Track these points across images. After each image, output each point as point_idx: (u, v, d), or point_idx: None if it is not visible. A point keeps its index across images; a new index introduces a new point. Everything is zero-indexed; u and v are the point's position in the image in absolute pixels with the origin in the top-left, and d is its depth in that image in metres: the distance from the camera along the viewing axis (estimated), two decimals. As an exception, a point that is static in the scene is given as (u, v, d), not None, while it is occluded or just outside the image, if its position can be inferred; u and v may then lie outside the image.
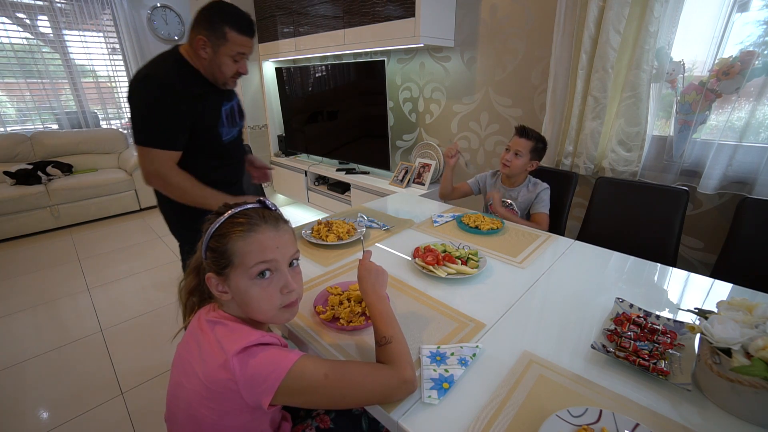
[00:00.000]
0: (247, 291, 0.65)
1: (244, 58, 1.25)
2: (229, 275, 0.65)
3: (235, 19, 1.19)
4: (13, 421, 1.49)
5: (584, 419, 0.63)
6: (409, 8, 2.08)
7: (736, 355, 0.62)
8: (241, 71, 1.27)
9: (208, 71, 1.25)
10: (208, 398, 0.60)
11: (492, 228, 1.44)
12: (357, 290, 0.99)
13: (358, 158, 3.02)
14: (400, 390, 0.66)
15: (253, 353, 0.60)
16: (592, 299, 1.00)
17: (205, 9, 1.18)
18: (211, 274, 0.66)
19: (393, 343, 0.70)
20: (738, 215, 1.37)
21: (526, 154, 1.61)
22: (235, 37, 1.19)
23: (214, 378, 0.59)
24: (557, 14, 1.75)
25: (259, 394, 0.58)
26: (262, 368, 0.58)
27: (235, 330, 0.64)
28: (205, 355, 0.62)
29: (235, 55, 1.22)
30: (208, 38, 1.18)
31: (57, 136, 3.73)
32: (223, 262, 0.65)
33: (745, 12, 1.43)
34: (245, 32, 1.21)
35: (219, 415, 0.60)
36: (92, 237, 3.26)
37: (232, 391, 0.58)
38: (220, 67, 1.23)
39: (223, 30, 1.17)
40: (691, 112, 1.57)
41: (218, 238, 0.65)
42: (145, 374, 1.70)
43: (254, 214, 0.67)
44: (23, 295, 2.36)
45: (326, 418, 0.84)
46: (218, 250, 0.65)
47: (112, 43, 4.33)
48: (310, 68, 3.11)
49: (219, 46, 1.19)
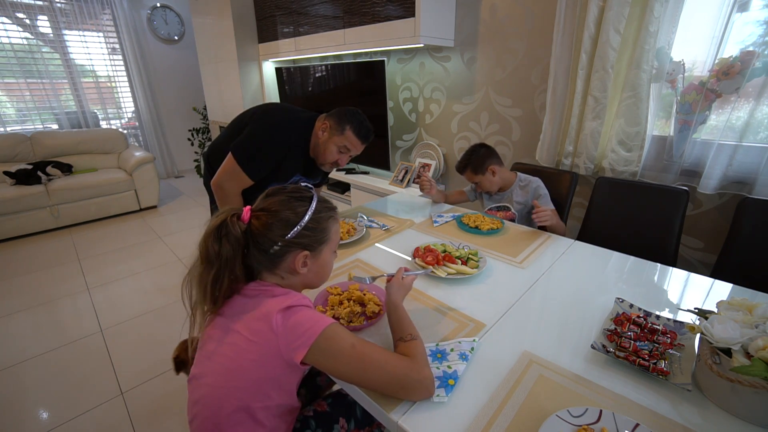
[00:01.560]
0: (329, 262, 0.82)
1: (347, 154, 1.47)
2: (322, 250, 0.78)
3: (358, 125, 1.43)
4: (13, 421, 1.49)
5: (584, 419, 0.63)
6: (409, 8, 2.08)
7: (736, 355, 0.62)
8: (339, 163, 1.49)
9: (316, 148, 1.47)
10: (248, 350, 0.67)
11: (492, 228, 1.44)
12: (357, 290, 1.00)
13: (358, 158, 3.00)
14: (419, 385, 0.67)
15: (296, 311, 0.68)
16: (592, 299, 1.00)
17: (345, 108, 1.45)
18: (305, 251, 0.75)
19: (418, 341, 0.74)
20: (738, 215, 1.37)
21: (478, 177, 1.63)
22: (350, 136, 1.42)
23: (257, 329, 0.67)
24: (557, 14, 1.75)
25: (295, 348, 0.65)
26: (302, 325, 0.66)
27: (278, 292, 0.72)
28: (250, 315, 0.69)
29: (341, 147, 1.43)
30: (331, 126, 1.42)
31: (57, 136, 3.72)
32: (322, 238, 0.77)
33: (745, 12, 1.43)
34: (359, 135, 1.43)
35: (257, 365, 0.66)
36: (92, 237, 3.26)
37: (273, 342, 0.66)
38: (326, 150, 1.44)
39: (345, 126, 1.41)
40: (691, 112, 1.57)
41: (317, 220, 0.76)
42: (145, 374, 1.70)
43: (327, 200, 0.81)
44: (23, 295, 2.36)
45: (323, 403, 0.89)
46: (317, 229, 0.76)
47: (112, 43, 4.34)
48: (310, 68, 3.11)
49: (334, 135, 1.42)
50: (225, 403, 0.67)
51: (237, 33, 3.30)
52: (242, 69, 3.43)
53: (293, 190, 0.77)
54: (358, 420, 0.90)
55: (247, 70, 3.47)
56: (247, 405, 0.67)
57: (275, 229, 0.72)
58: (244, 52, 3.39)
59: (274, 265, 0.75)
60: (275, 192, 0.77)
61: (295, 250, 0.74)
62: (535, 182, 1.65)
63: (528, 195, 1.64)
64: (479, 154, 1.63)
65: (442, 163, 2.61)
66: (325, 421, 0.85)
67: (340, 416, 0.88)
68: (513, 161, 2.07)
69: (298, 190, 0.78)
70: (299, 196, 0.76)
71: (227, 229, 0.70)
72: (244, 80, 3.47)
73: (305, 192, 0.78)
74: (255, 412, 0.67)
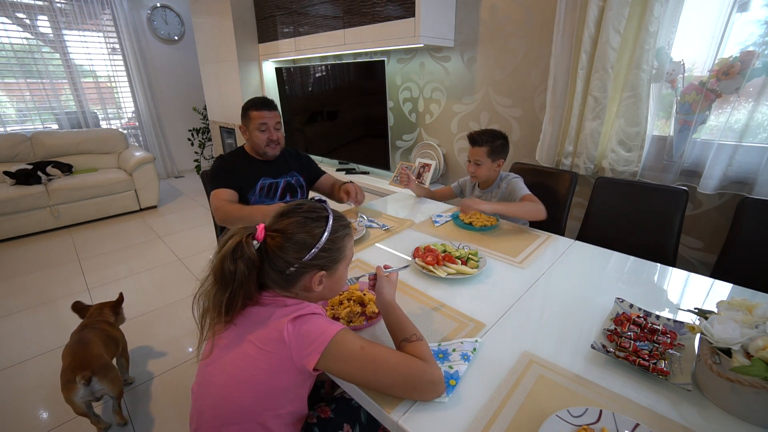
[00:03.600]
0: (344, 277, 0.81)
1: (267, 129, 1.58)
2: (338, 268, 0.78)
3: (251, 102, 1.60)
4: (13, 421, 1.49)
5: (584, 419, 0.63)
6: (409, 8, 2.08)
7: (736, 355, 0.62)
8: (270, 138, 1.59)
9: (253, 148, 1.64)
10: (260, 359, 0.67)
11: (485, 225, 1.44)
12: (357, 290, 1.00)
13: (358, 158, 3.02)
14: (432, 386, 0.67)
15: (306, 320, 0.69)
16: (592, 299, 1.00)
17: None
18: (321, 271, 0.74)
19: (424, 341, 0.74)
20: (738, 215, 1.36)
21: (486, 160, 1.60)
22: (252, 113, 1.57)
23: (268, 338, 0.67)
24: (557, 14, 1.75)
25: (307, 355, 0.66)
26: (312, 333, 0.67)
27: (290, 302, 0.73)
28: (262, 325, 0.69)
29: (258, 126, 1.57)
30: (242, 122, 1.62)
31: (57, 136, 3.72)
32: (338, 257, 0.76)
33: (745, 12, 1.43)
34: (255, 106, 1.58)
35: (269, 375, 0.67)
36: (92, 237, 3.26)
37: (284, 351, 0.66)
38: (252, 138, 1.60)
39: (245, 112, 1.60)
40: (691, 112, 1.57)
41: (333, 240, 0.75)
42: (144, 374, 1.70)
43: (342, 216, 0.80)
44: (23, 295, 2.36)
45: (327, 409, 0.87)
46: (333, 249, 0.75)
47: (111, 43, 4.33)
48: (310, 68, 3.11)
49: (246, 123, 1.60)
50: (234, 414, 0.67)
51: (237, 33, 3.30)
52: (242, 69, 3.43)
53: (309, 210, 0.76)
54: (363, 425, 0.88)
55: (247, 70, 3.47)
56: (258, 414, 0.67)
57: (291, 252, 0.71)
58: (244, 52, 3.39)
59: (289, 285, 0.74)
60: (291, 211, 0.75)
61: (312, 271, 0.73)
62: (511, 177, 1.64)
63: (507, 191, 1.62)
64: (504, 142, 1.62)
65: (442, 163, 2.61)
66: (330, 428, 0.84)
67: (344, 422, 0.86)
68: (513, 161, 2.07)
69: (314, 210, 0.76)
70: (315, 217, 0.75)
71: (242, 251, 0.69)
72: (244, 80, 3.47)
73: (321, 211, 0.76)
74: (266, 420, 0.67)
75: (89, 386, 1.26)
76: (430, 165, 2.60)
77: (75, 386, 1.24)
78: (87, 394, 1.28)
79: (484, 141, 1.58)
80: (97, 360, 1.31)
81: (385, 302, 0.83)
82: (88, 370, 1.25)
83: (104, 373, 1.30)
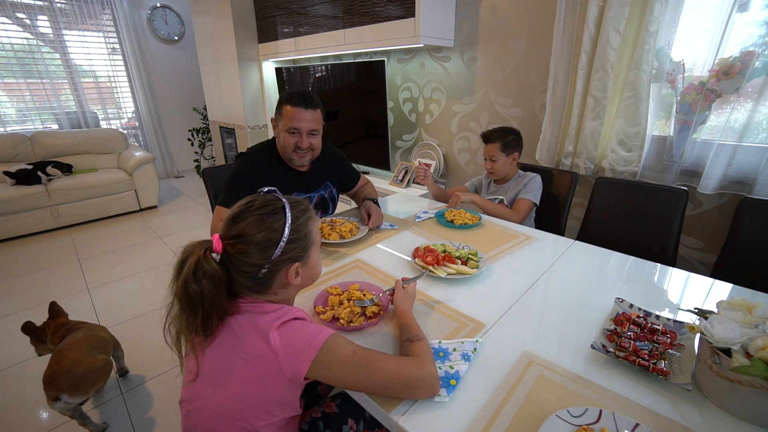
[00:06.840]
0: (318, 261, 0.78)
1: (298, 133, 1.28)
2: (310, 254, 0.75)
3: (288, 95, 1.28)
4: (13, 421, 1.49)
5: (584, 419, 0.63)
6: (409, 8, 2.08)
7: (736, 355, 0.62)
8: (300, 145, 1.29)
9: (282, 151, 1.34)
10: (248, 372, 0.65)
11: (466, 223, 1.46)
12: (357, 290, 1.00)
13: (358, 158, 3.02)
14: (424, 383, 0.67)
15: (292, 326, 0.66)
16: (592, 299, 1.00)
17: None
18: (295, 263, 0.71)
19: (424, 341, 0.75)
20: (738, 215, 1.36)
21: (500, 155, 1.66)
22: (287, 109, 1.26)
23: (255, 350, 0.64)
24: (557, 14, 1.75)
25: (297, 365, 0.63)
26: (300, 341, 0.64)
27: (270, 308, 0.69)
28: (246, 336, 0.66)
29: (289, 129, 1.27)
30: (275, 116, 1.29)
31: (57, 136, 3.72)
32: (306, 243, 0.73)
33: (745, 12, 1.43)
34: (292, 102, 1.26)
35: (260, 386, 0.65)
36: (92, 237, 3.26)
37: (272, 362, 0.63)
38: (282, 141, 1.31)
39: (281, 106, 1.28)
40: (691, 112, 1.57)
41: (297, 228, 0.71)
42: (144, 374, 1.70)
43: (298, 200, 0.75)
44: (23, 295, 2.36)
45: (332, 404, 0.87)
46: (299, 237, 0.71)
47: (111, 43, 4.34)
48: (310, 68, 3.11)
49: (279, 120, 1.29)
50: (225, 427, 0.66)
51: (237, 33, 3.30)
52: (242, 69, 3.43)
53: (262, 205, 0.70)
54: (368, 421, 0.88)
55: (247, 70, 3.47)
56: (250, 425, 0.66)
57: (255, 254, 0.67)
58: (244, 52, 3.40)
59: (265, 287, 0.70)
60: (243, 212, 0.69)
61: (285, 267, 0.70)
62: (530, 176, 1.68)
63: (519, 188, 1.68)
64: (516, 137, 1.68)
65: (442, 163, 2.61)
66: (334, 423, 0.84)
67: (348, 417, 0.86)
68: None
69: (267, 203, 0.70)
70: (271, 210, 0.70)
71: (204, 269, 0.64)
72: (244, 80, 3.47)
73: (275, 203, 0.71)
74: (259, 430, 0.66)
75: (60, 401, 1.25)
76: (430, 165, 2.60)
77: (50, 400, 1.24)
78: (63, 406, 1.27)
79: (497, 137, 1.65)
80: (67, 376, 1.26)
81: (399, 311, 0.86)
82: (53, 390, 1.23)
83: (74, 390, 1.26)
